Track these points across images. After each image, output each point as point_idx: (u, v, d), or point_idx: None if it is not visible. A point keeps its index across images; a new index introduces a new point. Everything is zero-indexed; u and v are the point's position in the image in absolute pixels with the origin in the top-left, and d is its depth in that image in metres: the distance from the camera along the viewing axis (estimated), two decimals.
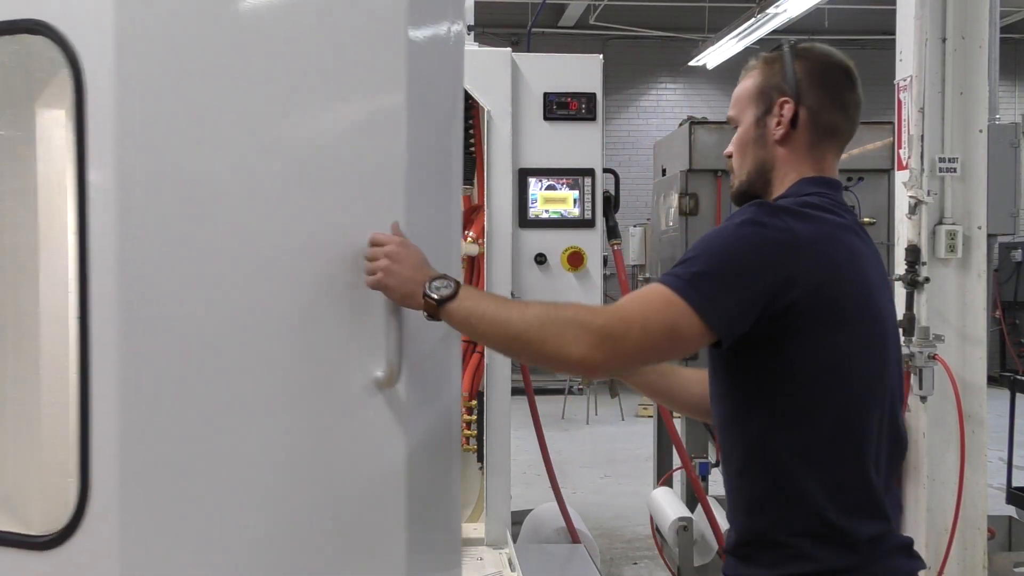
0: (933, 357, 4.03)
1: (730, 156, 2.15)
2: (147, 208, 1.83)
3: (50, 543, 1.86)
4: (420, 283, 1.93)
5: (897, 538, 1.95)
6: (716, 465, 4.23)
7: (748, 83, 2.10)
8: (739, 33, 11.13)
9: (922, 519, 4.15)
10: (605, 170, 3.27)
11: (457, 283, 1.94)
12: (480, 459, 3.75)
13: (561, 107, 3.21)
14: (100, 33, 1.82)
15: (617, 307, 1.88)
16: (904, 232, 4.25)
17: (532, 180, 3.14)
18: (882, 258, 2.13)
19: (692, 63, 13.34)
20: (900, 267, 4.25)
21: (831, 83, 2.04)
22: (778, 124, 2.03)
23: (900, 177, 4.29)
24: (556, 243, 3.14)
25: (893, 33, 4.33)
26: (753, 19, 10.47)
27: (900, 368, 2.07)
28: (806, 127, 2.03)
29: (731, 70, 14.06)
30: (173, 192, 1.84)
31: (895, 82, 4.29)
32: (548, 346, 1.86)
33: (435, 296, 1.91)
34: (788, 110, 2.02)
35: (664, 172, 6.25)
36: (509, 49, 3.59)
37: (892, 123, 4.64)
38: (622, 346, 1.82)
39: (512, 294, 2.79)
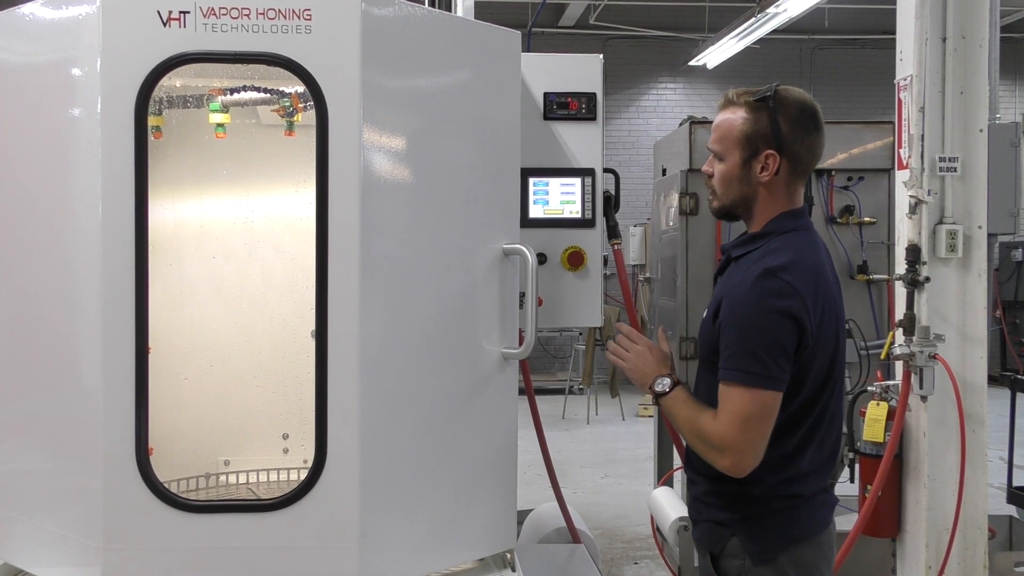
0: (934, 357, 4.03)
1: (710, 176, 2.52)
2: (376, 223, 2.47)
3: (285, 502, 2.42)
4: (651, 377, 2.62)
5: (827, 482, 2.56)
6: None
7: (734, 122, 2.44)
8: (739, 33, 11.12)
9: (922, 519, 4.14)
10: (605, 170, 3.26)
11: (674, 383, 2.57)
12: None
13: (561, 107, 3.21)
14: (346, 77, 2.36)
15: (721, 422, 2.38)
16: (904, 232, 4.25)
17: (532, 180, 3.13)
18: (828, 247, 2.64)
19: (692, 63, 13.35)
20: (900, 267, 4.25)
21: (807, 132, 2.44)
22: (763, 170, 2.43)
23: (900, 177, 4.28)
24: (556, 243, 3.14)
25: (893, 33, 4.33)
26: (753, 19, 10.46)
27: (843, 353, 2.54)
28: (786, 171, 2.44)
29: (731, 70, 14.12)
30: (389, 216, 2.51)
31: (895, 82, 4.28)
32: (705, 456, 2.46)
33: (656, 390, 2.59)
34: (773, 163, 2.42)
35: (664, 172, 6.24)
36: None
37: (892, 123, 4.64)
38: (741, 447, 2.36)
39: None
